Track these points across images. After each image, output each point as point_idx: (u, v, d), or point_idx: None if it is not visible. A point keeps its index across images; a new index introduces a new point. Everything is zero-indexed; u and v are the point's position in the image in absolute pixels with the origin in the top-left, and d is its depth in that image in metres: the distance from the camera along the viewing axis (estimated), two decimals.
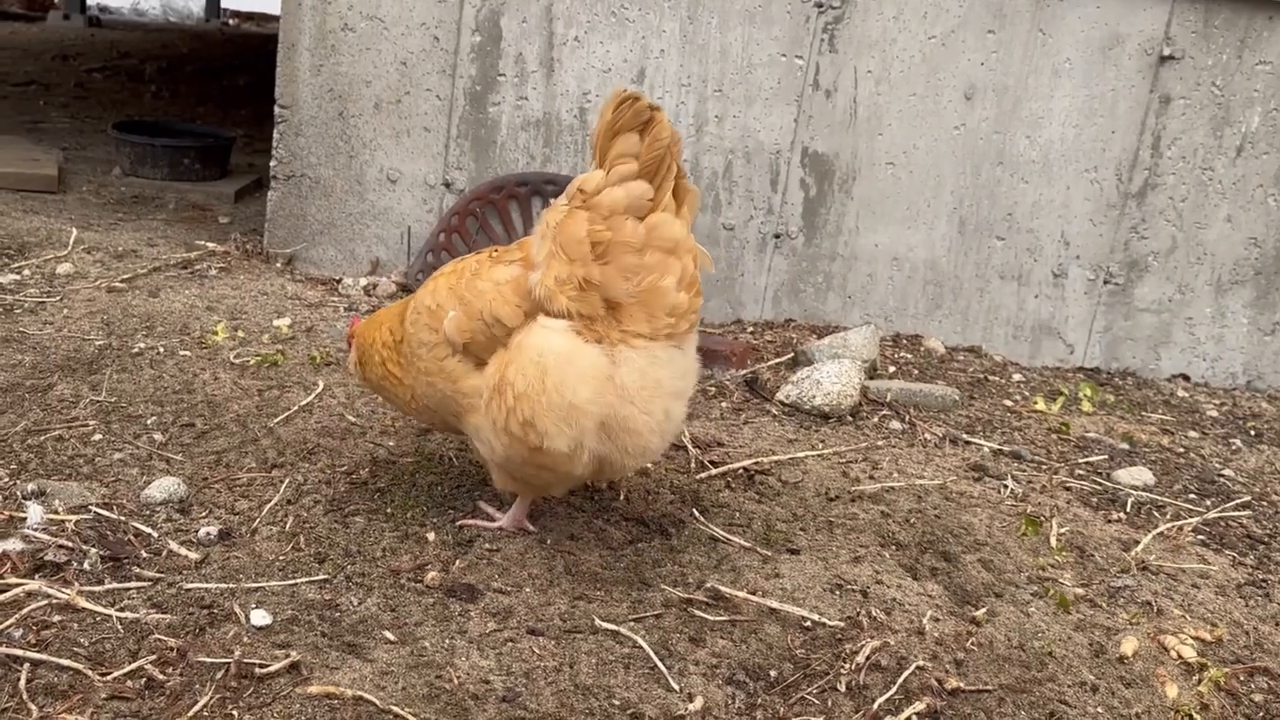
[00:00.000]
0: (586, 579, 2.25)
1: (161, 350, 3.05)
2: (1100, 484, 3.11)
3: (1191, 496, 3.12)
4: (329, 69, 4.09)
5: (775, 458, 2.88)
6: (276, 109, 4.08)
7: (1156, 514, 2.95)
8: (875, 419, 3.37)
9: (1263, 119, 4.29)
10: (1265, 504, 3.17)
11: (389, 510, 2.42)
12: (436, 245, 4.11)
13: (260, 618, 1.98)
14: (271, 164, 4.13)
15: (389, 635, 2.00)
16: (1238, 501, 3.12)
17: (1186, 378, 4.51)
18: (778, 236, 4.35)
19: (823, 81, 4.20)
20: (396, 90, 4.12)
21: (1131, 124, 4.28)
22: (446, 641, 2.00)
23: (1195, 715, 2.11)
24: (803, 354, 3.76)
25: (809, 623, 2.16)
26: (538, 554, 2.31)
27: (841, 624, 2.16)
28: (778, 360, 3.76)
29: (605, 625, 2.08)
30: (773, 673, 2.03)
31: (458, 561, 2.25)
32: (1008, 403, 3.76)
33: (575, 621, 2.10)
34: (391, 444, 2.72)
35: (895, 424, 3.35)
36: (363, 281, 4.08)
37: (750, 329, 4.29)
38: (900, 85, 4.22)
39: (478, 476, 2.58)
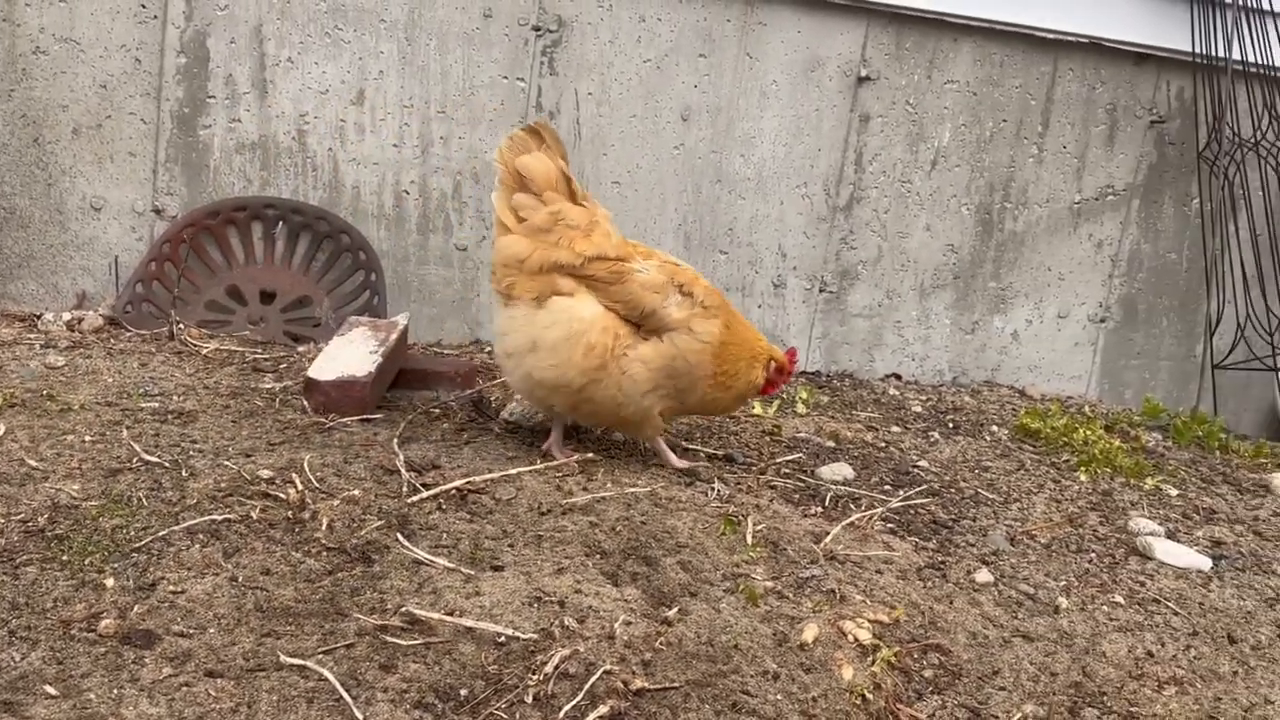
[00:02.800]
0: (278, 614, 2.20)
1: None
2: (803, 481, 3.29)
3: (886, 488, 3.35)
4: (21, 94, 3.86)
5: (490, 476, 2.90)
6: None
7: (852, 506, 3.15)
8: (599, 432, 3.45)
9: (953, 134, 4.66)
10: (953, 491, 3.43)
11: (65, 558, 2.29)
12: (147, 275, 3.93)
13: None
14: None
15: (50, 690, 1.89)
16: (924, 488, 3.37)
17: (899, 377, 4.84)
18: None
19: (545, 103, 4.28)
20: (97, 114, 3.92)
21: (836, 141, 4.56)
22: (115, 691, 1.91)
23: (868, 694, 2.26)
24: None
25: (503, 638, 2.18)
26: (227, 592, 2.24)
27: (535, 636, 2.20)
28: (503, 379, 3.79)
29: (290, 661, 2.04)
30: (464, 692, 2.05)
31: (137, 607, 2.16)
32: None
33: (260, 660, 2.05)
34: (76, 488, 2.58)
35: (617, 435, 3.44)
36: (66, 316, 3.85)
37: (488, 349, 4.31)
38: (620, 107, 4.35)
39: (169, 514, 2.48)
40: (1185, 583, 2.96)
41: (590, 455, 3.17)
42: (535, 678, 2.08)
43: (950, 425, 4.19)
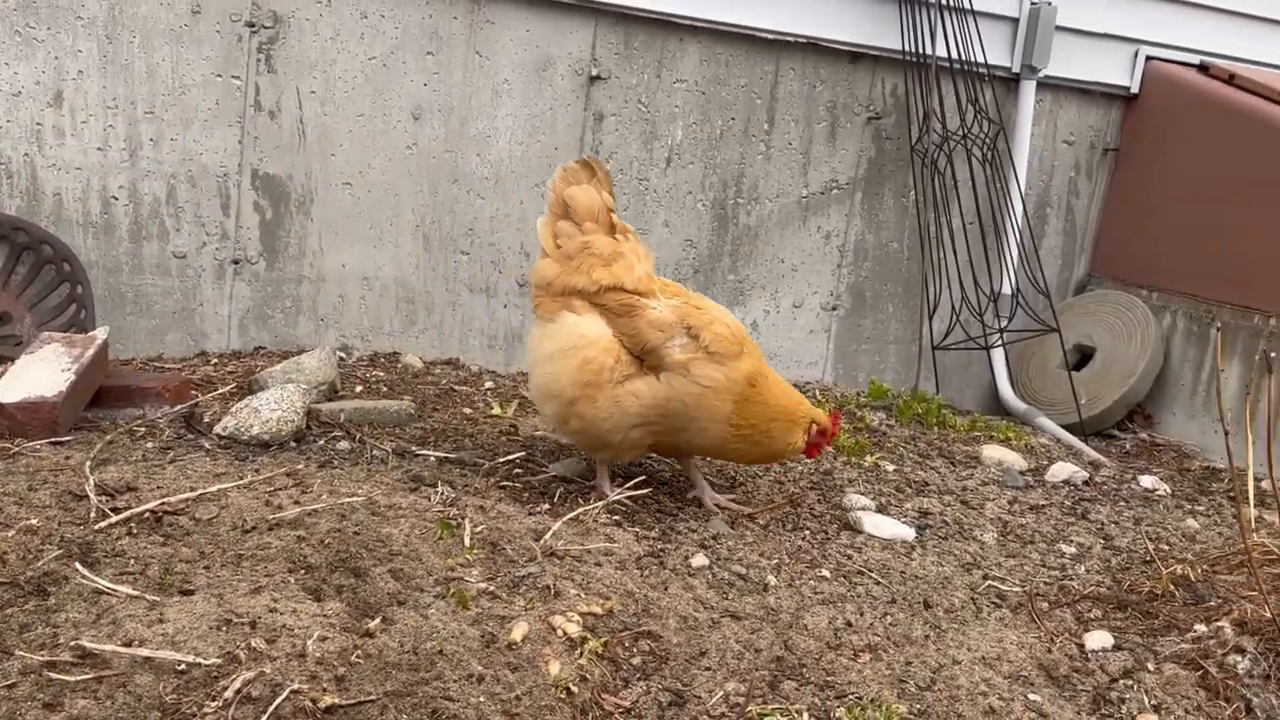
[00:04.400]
0: None
1: None
2: (534, 479, 3.29)
3: (617, 481, 3.38)
4: None
5: (188, 495, 2.76)
6: None
7: (580, 501, 3.17)
8: (323, 441, 3.35)
9: (685, 132, 4.77)
10: (683, 479, 3.50)
11: None
12: None
13: None
14: None
15: None
16: (647, 478, 3.43)
17: None
18: (236, 262, 4.20)
19: (265, 102, 4.11)
20: None
21: (572, 140, 4.59)
22: None
23: (573, 687, 2.27)
24: (255, 382, 3.65)
25: (184, 666, 2.07)
26: None
27: (219, 661, 2.10)
28: (224, 390, 3.63)
29: None
30: None
31: None
32: (467, 411, 3.89)
33: None
34: None
35: (344, 444, 3.35)
36: None
37: (214, 360, 4.11)
38: (346, 106, 4.23)
39: None
40: (890, 553, 3.13)
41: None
42: (214, 705, 1.98)
43: None
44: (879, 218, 5.15)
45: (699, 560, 2.88)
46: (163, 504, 2.68)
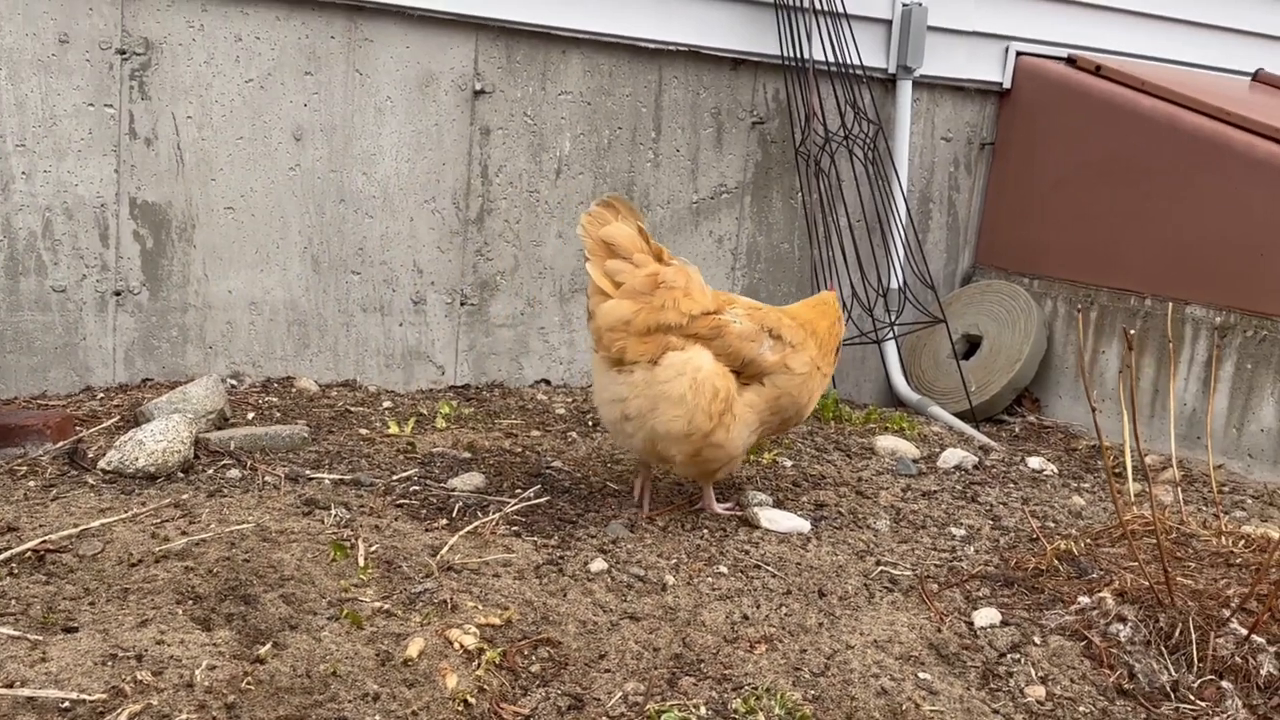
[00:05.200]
0: None
1: None
2: (432, 495, 3.28)
3: (518, 491, 3.39)
4: None
5: (70, 532, 2.69)
6: None
7: (480, 514, 3.17)
8: (212, 470, 3.29)
9: (573, 143, 4.81)
10: (584, 487, 3.53)
11: None
12: None
13: None
14: None
15: None
16: (552, 487, 3.45)
17: (548, 382, 4.94)
18: (118, 294, 4.11)
19: (140, 130, 4.04)
20: None
21: (459, 155, 4.59)
22: None
23: (470, 699, 2.28)
24: (141, 414, 3.58)
25: (68, 703, 2.03)
26: None
27: (105, 696, 2.06)
28: (109, 424, 3.55)
29: None
30: None
31: None
32: (364, 431, 3.86)
33: None
34: None
35: (234, 472, 3.30)
36: None
37: (100, 395, 4.02)
38: (225, 130, 4.17)
39: None
40: (786, 546, 3.19)
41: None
42: None
43: (590, 424, 4.32)
44: (769, 220, 5.24)
45: (598, 565, 2.91)
46: (44, 542, 2.62)
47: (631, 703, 2.36)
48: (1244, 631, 2.76)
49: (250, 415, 3.90)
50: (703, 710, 2.34)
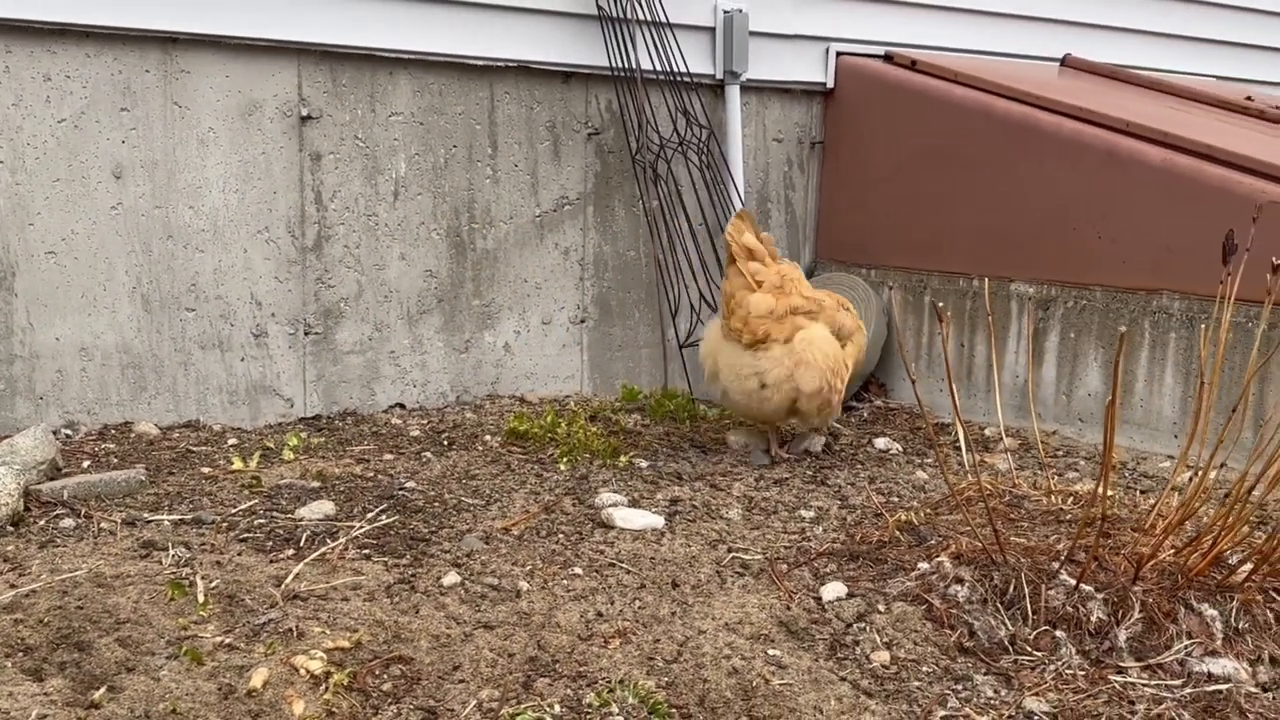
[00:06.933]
0: None
1: None
2: (279, 527, 3.22)
3: (369, 515, 3.36)
4: None
5: None
6: None
7: (329, 541, 3.12)
8: (44, 521, 3.16)
9: (409, 164, 4.78)
10: (437, 504, 3.51)
11: None
12: None
13: None
14: None
15: None
16: (403, 507, 3.42)
17: (403, 406, 4.89)
18: None
19: None
20: None
21: (290, 183, 4.52)
22: None
23: None
24: None
25: None
26: None
27: None
28: None
29: None
30: None
31: None
32: (206, 470, 3.76)
33: None
34: None
35: (68, 521, 3.17)
36: None
37: None
38: (40, 172, 4.03)
39: None
40: (641, 543, 3.23)
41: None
42: None
43: (446, 443, 4.29)
44: (613, 229, 5.30)
45: (451, 579, 2.90)
46: None
47: (486, 710, 2.36)
48: (1072, 581, 2.91)
49: (86, 464, 3.76)
50: (557, 709, 2.35)
